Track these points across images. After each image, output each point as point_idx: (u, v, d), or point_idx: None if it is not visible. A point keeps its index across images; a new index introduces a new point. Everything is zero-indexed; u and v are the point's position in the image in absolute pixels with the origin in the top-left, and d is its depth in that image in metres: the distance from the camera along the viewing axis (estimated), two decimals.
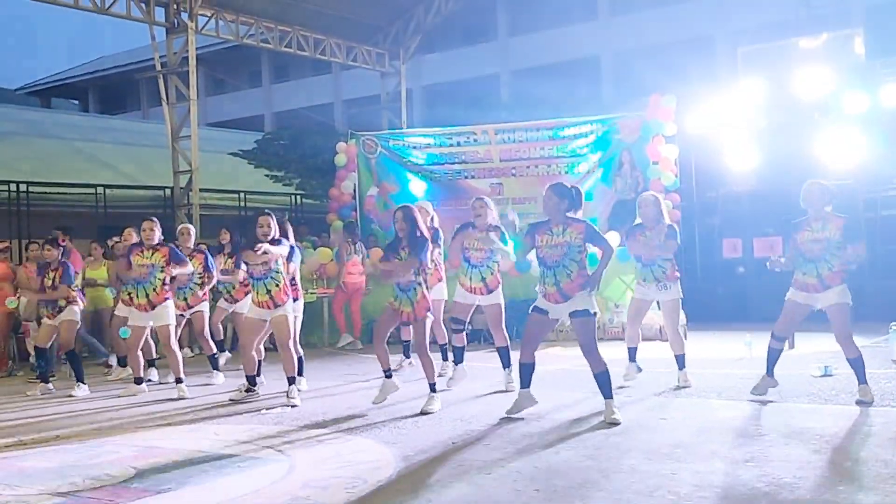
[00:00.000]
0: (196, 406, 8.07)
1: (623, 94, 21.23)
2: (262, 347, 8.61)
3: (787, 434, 5.84)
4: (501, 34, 31.33)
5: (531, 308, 6.77)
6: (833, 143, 12.35)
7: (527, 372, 6.80)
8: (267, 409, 7.63)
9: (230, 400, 8.13)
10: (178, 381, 8.78)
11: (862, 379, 6.91)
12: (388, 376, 7.49)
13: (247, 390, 8.20)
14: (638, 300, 8.26)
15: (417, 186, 15.19)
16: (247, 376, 8.25)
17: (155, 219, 9.09)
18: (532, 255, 6.91)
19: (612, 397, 6.56)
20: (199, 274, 9.60)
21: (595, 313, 6.61)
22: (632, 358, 8.29)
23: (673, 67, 21.97)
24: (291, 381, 7.97)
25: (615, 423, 6.33)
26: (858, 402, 6.80)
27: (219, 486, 5.09)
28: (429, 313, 7.38)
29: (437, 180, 15.12)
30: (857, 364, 6.91)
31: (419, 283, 7.27)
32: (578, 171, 14.30)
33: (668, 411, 6.82)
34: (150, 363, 9.92)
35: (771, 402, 6.98)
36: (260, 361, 8.52)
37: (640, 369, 8.29)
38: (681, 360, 8.07)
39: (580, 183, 14.21)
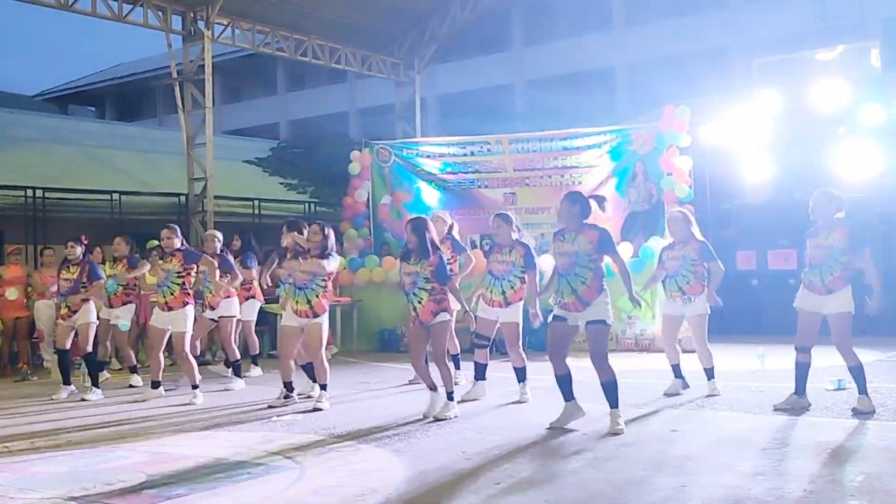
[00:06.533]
0: (208, 413, 8.10)
1: (637, 105, 21.21)
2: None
3: (798, 448, 5.81)
4: (516, 44, 31.35)
5: (549, 318, 6.77)
6: (848, 156, 12.32)
7: (565, 383, 6.75)
8: (278, 415, 7.65)
9: (268, 406, 8.21)
10: (195, 387, 8.86)
11: (862, 389, 6.90)
12: (434, 389, 7.45)
13: (285, 397, 8.32)
14: (668, 316, 8.28)
15: (431, 195, 15.22)
16: (284, 383, 8.37)
17: (174, 226, 9.20)
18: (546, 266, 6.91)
19: (617, 407, 6.53)
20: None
21: (610, 324, 6.61)
22: (677, 374, 8.24)
23: (688, 78, 21.90)
24: (323, 387, 8.17)
25: (618, 434, 6.32)
26: (854, 411, 6.78)
27: (229, 492, 5.11)
28: (445, 315, 7.31)
29: (451, 189, 15.15)
30: (858, 373, 6.91)
31: (422, 290, 7.23)
32: (592, 182, 14.30)
33: (680, 423, 6.80)
34: (132, 369, 10.33)
35: (783, 415, 6.94)
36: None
37: (686, 385, 8.22)
38: (709, 373, 8.07)
39: (593, 193, 14.26)
